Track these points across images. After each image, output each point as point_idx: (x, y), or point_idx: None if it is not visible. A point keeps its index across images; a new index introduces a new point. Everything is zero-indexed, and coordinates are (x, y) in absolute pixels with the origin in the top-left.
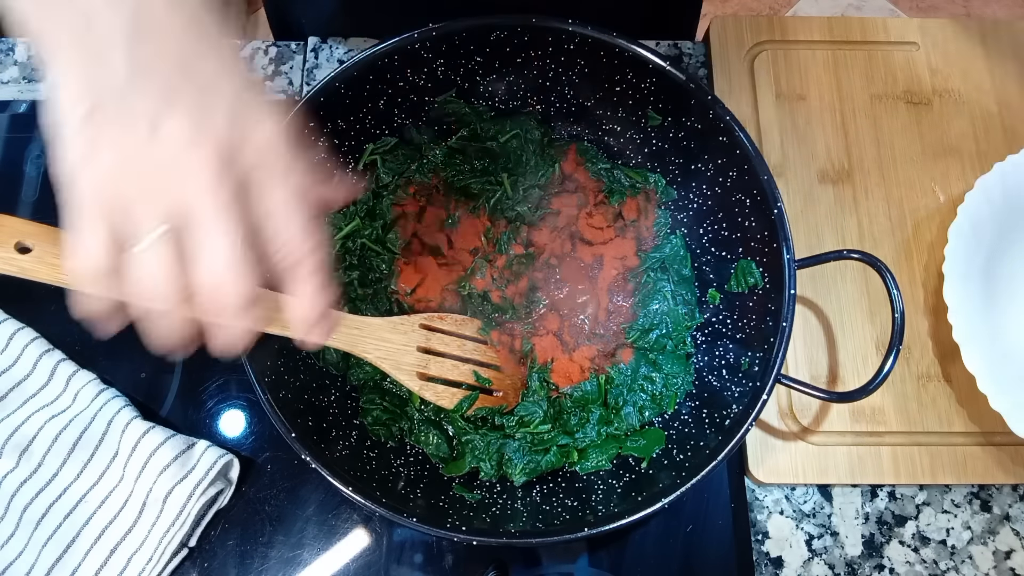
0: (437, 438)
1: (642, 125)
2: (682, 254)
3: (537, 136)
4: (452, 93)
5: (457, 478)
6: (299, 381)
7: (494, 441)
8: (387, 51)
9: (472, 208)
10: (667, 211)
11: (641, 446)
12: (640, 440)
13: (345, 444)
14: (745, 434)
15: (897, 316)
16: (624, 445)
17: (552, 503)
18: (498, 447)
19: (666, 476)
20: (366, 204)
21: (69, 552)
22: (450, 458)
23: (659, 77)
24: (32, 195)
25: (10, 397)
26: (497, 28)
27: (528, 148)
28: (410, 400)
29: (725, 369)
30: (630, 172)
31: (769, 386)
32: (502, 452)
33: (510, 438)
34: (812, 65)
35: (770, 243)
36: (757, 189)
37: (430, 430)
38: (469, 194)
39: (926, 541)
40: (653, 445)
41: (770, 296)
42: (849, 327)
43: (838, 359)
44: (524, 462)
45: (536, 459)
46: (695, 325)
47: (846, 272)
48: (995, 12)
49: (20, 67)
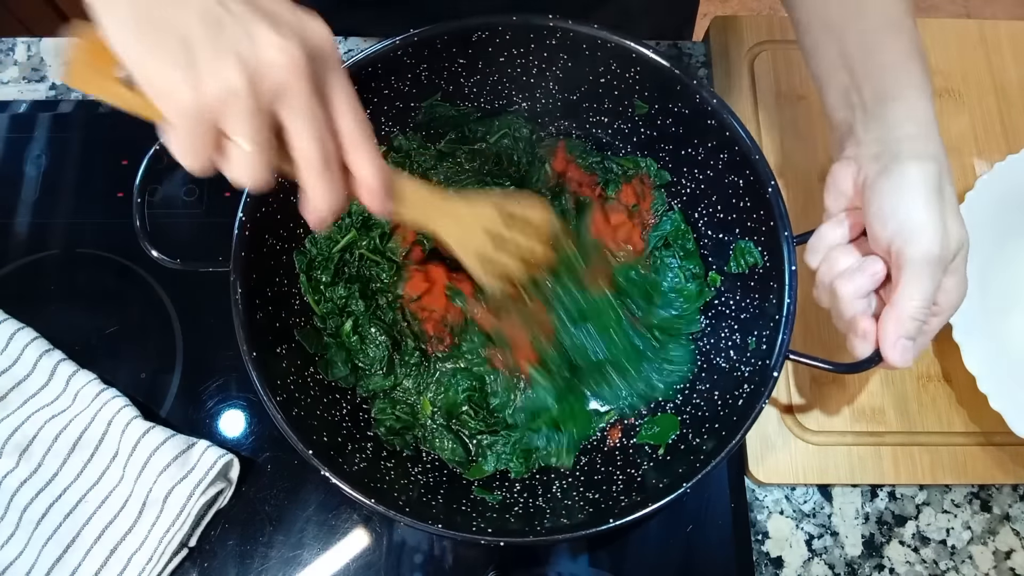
0: (452, 443)
1: (629, 115)
2: (683, 227)
3: (526, 134)
4: (437, 97)
5: (476, 481)
6: (310, 397)
7: (519, 440)
8: (369, 59)
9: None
10: (661, 192)
11: (655, 433)
12: (654, 427)
13: (362, 456)
14: (759, 413)
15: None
16: (641, 432)
17: (573, 497)
18: (524, 443)
19: (684, 461)
20: (361, 215)
21: (69, 552)
22: (468, 461)
23: (642, 65)
24: (32, 195)
25: (10, 397)
26: (479, 29)
27: (519, 147)
28: (420, 408)
29: (732, 350)
30: (621, 161)
31: (778, 362)
32: (529, 448)
33: (535, 432)
34: None
35: (767, 222)
36: (749, 169)
37: (444, 435)
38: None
39: (926, 541)
40: (668, 431)
41: (771, 274)
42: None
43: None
44: (563, 443)
45: (567, 438)
46: (705, 300)
47: None
48: (995, 12)
49: (20, 67)
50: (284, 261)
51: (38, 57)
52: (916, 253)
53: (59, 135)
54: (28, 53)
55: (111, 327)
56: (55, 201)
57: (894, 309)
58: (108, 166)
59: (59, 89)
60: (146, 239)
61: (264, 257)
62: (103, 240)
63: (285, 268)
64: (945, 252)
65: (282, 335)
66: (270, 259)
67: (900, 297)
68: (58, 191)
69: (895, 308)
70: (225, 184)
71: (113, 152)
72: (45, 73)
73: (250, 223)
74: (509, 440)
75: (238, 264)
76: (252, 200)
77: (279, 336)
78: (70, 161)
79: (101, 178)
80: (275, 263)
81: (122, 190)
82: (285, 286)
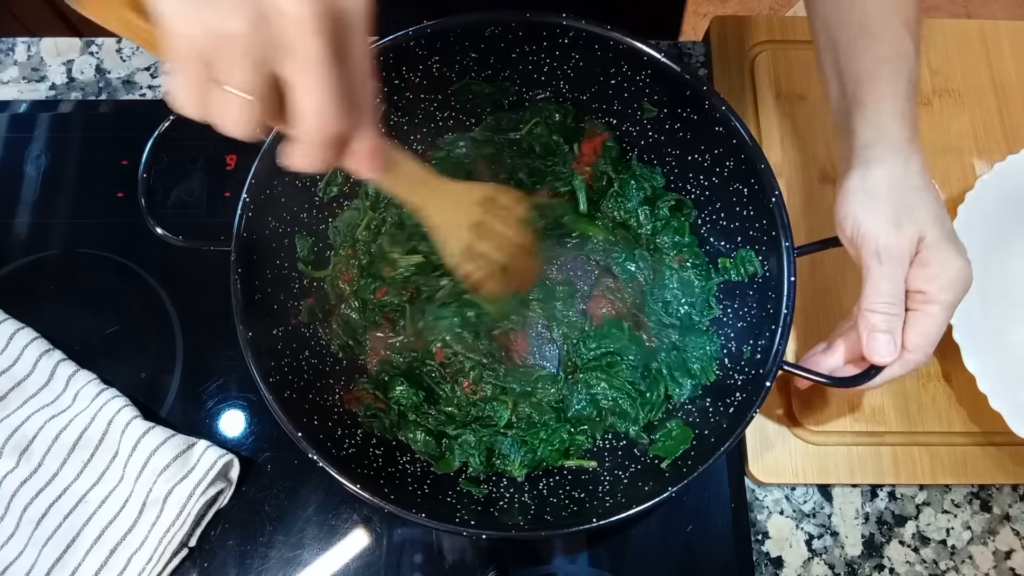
0: (424, 435)
1: (638, 117)
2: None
3: (558, 119)
4: (471, 77)
5: (464, 473)
6: (303, 381)
7: (486, 437)
8: (381, 49)
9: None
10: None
11: (668, 446)
12: (667, 440)
13: (351, 443)
14: (748, 422)
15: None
16: (654, 445)
17: (559, 495)
18: (488, 442)
19: (671, 465)
20: (367, 191)
21: (69, 552)
22: (439, 454)
23: (654, 69)
24: (32, 195)
25: (10, 397)
26: (492, 24)
27: (551, 136)
28: (390, 388)
29: (727, 358)
30: (646, 172)
31: (771, 373)
32: (492, 448)
33: (502, 435)
34: (812, 65)
35: (768, 231)
36: (755, 178)
37: (417, 429)
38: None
39: (926, 541)
40: (679, 444)
41: (770, 284)
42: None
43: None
44: (520, 455)
45: (532, 454)
46: (715, 286)
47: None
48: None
49: (20, 67)
50: (286, 244)
51: (38, 57)
52: (866, 253)
53: (59, 135)
54: (28, 53)
55: (111, 327)
56: (55, 201)
57: (861, 307)
58: (108, 166)
59: (59, 89)
60: (150, 215)
61: (266, 239)
62: (103, 240)
63: (286, 251)
64: (895, 248)
65: (279, 318)
66: (271, 241)
67: (863, 295)
68: (58, 191)
69: (861, 306)
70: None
71: (113, 152)
72: (45, 73)
73: (253, 204)
74: (478, 435)
75: (239, 244)
76: (256, 182)
77: (276, 318)
78: (70, 161)
79: (101, 178)
80: (276, 246)
81: (122, 190)
82: (285, 269)
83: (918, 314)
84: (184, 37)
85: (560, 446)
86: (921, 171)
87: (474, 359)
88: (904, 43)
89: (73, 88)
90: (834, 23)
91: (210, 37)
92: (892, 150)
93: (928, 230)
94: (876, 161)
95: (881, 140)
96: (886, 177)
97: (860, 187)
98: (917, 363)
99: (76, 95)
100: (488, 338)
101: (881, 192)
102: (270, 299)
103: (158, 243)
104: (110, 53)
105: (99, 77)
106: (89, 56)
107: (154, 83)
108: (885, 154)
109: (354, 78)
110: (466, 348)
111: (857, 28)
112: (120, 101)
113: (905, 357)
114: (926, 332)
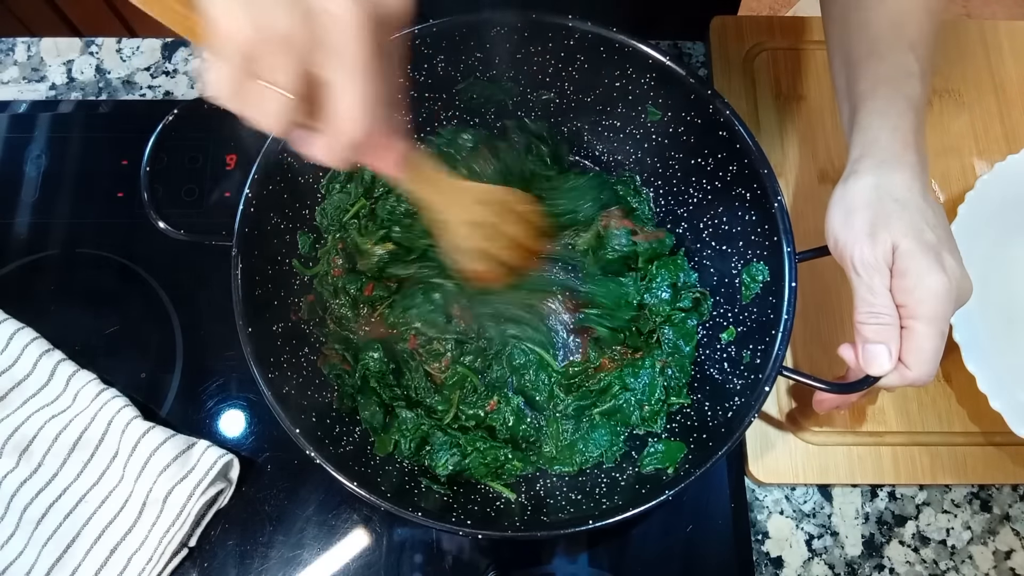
0: (375, 405)
1: (642, 120)
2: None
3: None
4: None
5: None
6: (302, 378)
7: (424, 426)
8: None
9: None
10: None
11: (660, 461)
12: (657, 457)
13: (349, 440)
14: (747, 427)
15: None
16: (643, 461)
17: (556, 497)
18: (424, 432)
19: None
20: (363, 176)
21: (69, 552)
22: (382, 427)
23: (659, 72)
24: (32, 195)
25: (10, 397)
26: (498, 24)
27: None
28: (363, 351)
29: (726, 362)
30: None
31: (770, 378)
32: (425, 438)
33: (440, 430)
34: (812, 65)
35: (770, 236)
36: (757, 183)
37: (372, 397)
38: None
39: (926, 541)
40: (675, 454)
41: (771, 290)
42: (849, 321)
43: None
44: (447, 457)
45: (461, 458)
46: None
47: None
48: (995, 12)
49: (20, 67)
50: (287, 241)
51: (38, 57)
52: (846, 265)
53: (59, 135)
54: (28, 53)
55: (111, 327)
56: (55, 201)
57: (854, 320)
58: (108, 166)
59: (59, 89)
60: (152, 209)
61: (268, 235)
62: (103, 240)
63: (288, 248)
64: (869, 257)
65: (279, 314)
66: (273, 238)
67: (854, 307)
68: (58, 191)
69: (854, 318)
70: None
71: (113, 152)
72: (45, 73)
73: (256, 200)
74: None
75: (241, 239)
76: (259, 178)
77: (276, 314)
78: (70, 161)
79: (101, 178)
80: (278, 242)
81: (122, 190)
82: (287, 266)
83: (905, 331)
84: (231, 32)
85: (492, 464)
86: (910, 184)
87: (450, 339)
88: (907, 64)
89: (73, 88)
90: (846, 45)
91: (258, 34)
92: (876, 163)
93: (901, 239)
94: (859, 174)
95: (867, 154)
96: (866, 189)
97: (840, 200)
98: (916, 379)
99: (76, 95)
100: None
101: (858, 204)
102: (270, 295)
103: (159, 243)
104: (110, 53)
105: (99, 77)
106: (89, 56)
107: (154, 83)
108: (870, 167)
109: (390, 81)
110: (439, 331)
111: (866, 50)
112: (120, 101)
113: (902, 372)
114: (916, 349)
